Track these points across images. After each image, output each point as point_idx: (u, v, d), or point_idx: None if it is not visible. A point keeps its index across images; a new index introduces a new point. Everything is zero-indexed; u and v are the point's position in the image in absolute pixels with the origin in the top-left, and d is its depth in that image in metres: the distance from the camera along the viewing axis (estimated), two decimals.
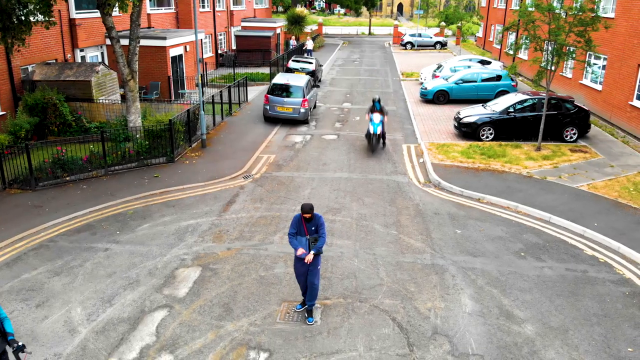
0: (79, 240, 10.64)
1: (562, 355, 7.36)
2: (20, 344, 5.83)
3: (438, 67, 28.25)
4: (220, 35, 36.99)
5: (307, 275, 7.91)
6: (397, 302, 8.50)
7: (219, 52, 36.28)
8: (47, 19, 13.67)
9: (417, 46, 49.10)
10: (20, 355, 5.87)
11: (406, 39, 49.98)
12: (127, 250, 10.20)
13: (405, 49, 49.04)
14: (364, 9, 70.12)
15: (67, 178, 13.88)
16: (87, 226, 11.27)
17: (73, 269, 9.49)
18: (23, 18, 13.58)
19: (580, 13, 14.82)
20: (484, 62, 29.13)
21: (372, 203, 12.74)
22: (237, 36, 36.95)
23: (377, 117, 16.68)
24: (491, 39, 43.46)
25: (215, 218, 11.78)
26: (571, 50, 15.30)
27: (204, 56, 31.58)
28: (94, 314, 8.16)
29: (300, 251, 7.67)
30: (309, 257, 7.60)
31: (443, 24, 53.57)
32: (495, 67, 27.32)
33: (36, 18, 14.22)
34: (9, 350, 6.08)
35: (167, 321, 8.00)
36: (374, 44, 53.61)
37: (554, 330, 7.91)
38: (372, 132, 16.73)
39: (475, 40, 52.59)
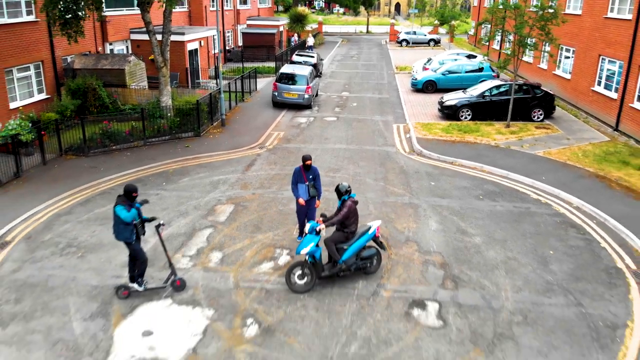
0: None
1: (499, 253, 10.28)
2: (161, 222, 8.71)
3: (428, 61, 31.18)
4: (228, 32, 39.87)
5: (306, 214, 10.34)
6: (382, 225, 11.38)
7: (227, 48, 39.15)
8: (98, 14, 16.54)
9: (412, 43, 52.01)
10: (160, 229, 8.72)
11: (401, 36, 52.92)
12: (174, 195, 13.10)
13: (401, 46, 51.93)
14: (362, 9, 73.12)
15: (113, 147, 16.79)
16: (138, 180, 14.13)
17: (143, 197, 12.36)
18: (79, 14, 16.46)
19: (541, 11, 17.74)
20: (470, 57, 32.00)
21: (365, 165, 15.65)
22: (243, 33, 39.84)
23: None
24: (482, 37, 46.36)
25: (240, 175, 14.69)
26: (533, 42, 18.20)
27: (214, 51, 34.45)
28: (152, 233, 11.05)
29: (302, 201, 9.95)
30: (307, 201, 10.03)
31: (437, 22, 56.60)
32: (480, 61, 30.20)
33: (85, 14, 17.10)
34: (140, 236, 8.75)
35: (213, 235, 10.91)
36: (371, 42, 56.47)
37: (496, 240, 10.83)
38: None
39: (468, 38, 55.51)
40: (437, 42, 52.18)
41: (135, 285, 8.67)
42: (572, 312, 8.46)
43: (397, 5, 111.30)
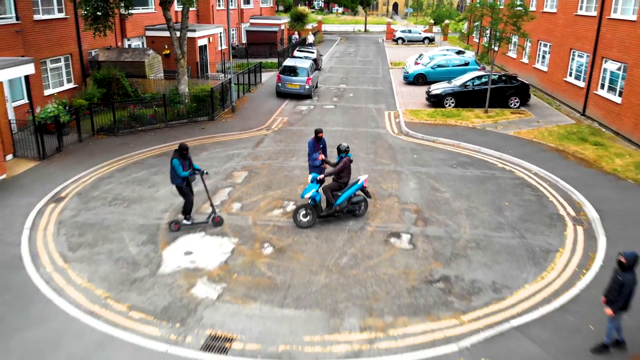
0: (161, 160, 15.95)
1: (463, 204, 12.73)
2: (205, 171, 11.09)
3: (419, 56, 33.63)
4: (232, 30, 42.30)
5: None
6: (370, 185, 13.80)
7: (231, 45, 41.56)
8: (126, 12, 18.98)
9: (407, 41, 54.45)
10: (204, 176, 11.12)
11: (397, 35, 55.36)
12: (197, 164, 15.48)
13: (397, 44, 54.35)
14: (360, 8, 75.56)
15: (139, 128, 19.23)
16: (163, 154, 16.56)
17: (163, 172, 14.74)
18: (107, 11, 18.91)
19: (512, 8, 20.20)
20: (459, 52, 34.43)
21: (359, 143, 18.08)
22: (247, 31, 42.27)
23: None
24: (473, 35, 48.79)
25: (251, 150, 17.13)
26: (504, 36, 20.65)
27: (220, 48, 36.86)
28: None
29: (321, 156, 12.41)
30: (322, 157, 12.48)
31: (431, 21, 59.05)
32: (467, 56, 32.64)
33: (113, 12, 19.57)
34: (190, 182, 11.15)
35: (232, 191, 13.36)
36: (368, 40, 58.90)
37: (462, 195, 13.28)
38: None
39: (460, 36, 57.94)
40: (431, 40, 54.60)
41: (184, 221, 11.14)
42: (516, 242, 10.90)
43: (395, 5, 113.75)
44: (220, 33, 36.09)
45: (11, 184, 13.85)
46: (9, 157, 15.80)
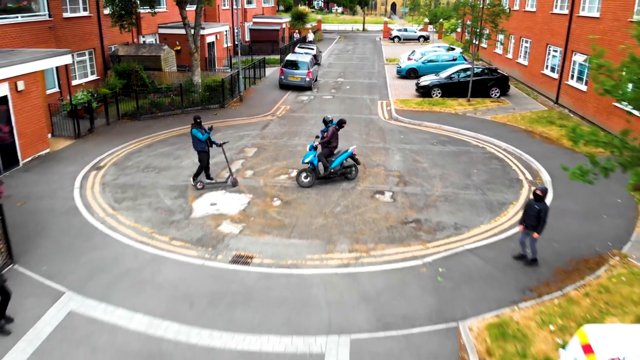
0: (181, 139, 18.38)
1: (438, 171, 15.18)
2: (222, 142, 13.58)
3: (412, 52, 36.09)
4: (236, 28, 44.74)
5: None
6: (361, 158, 16.24)
7: (236, 42, 44.01)
8: (151, 10, 21.45)
9: (403, 39, 56.92)
10: (224, 146, 13.60)
11: (394, 33, 57.85)
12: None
13: (393, 42, 56.82)
14: (358, 8, 77.98)
15: (159, 114, 21.69)
16: (183, 134, 18.98)
17: (185, 147, 17.19)
18: (130, 10, 21.38)
19: (491, 7, 22.66)
20: (450, 49, 36.90)
21: (353, 126, 20.50)
22: (251, 29, 44.73)
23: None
24: (458, 31, 51.26)
25: (259, 131, 19.59)
26: (486, 32, 23.12)
27: (225, 45, 39.30)
28: None
29: (317, 143, 14.80)
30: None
31: (426, 20, 61.49)
32: (457, 53, 35.09)
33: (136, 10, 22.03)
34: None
35: (245, 162, 15.82)
36: (366, 39, 61.36)
37: (438, 165, 15.74)
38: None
39: (455, 35, 60.36)
40: (426, 39, 57.04)
41: (206, 180, 13.64)
42: (478, 197, 13.36)
43: (393, 5, 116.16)
44: (226, 31, 38.54)
45: (55, 157, 16.31)
46: (49, 135, 18.26)
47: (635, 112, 8.07)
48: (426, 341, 7.74)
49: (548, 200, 13.04)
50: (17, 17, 19.81)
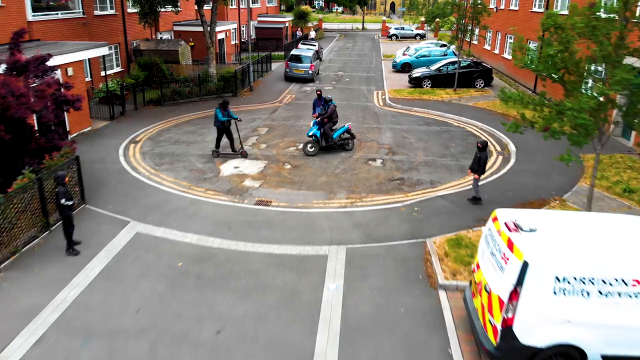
0: (202, 120, 21.26)
1: (422, 145, 18.06)
2: (238, 118, 16.48)
3: (407, 48, 38.97)
4: (243, 27, 47.62)
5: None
6: (357, 135, 19.10)
7: (242, 40, 46.91)
8: (174, 8, 24.36)
9: (401, 37, 59.76)
10: (238, 123, 16.49)
11: (392, 31, 60.72)
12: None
13: (391, 39, 59.67)
14: (358, 8, 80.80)
15: (180, 100, 24.57)
16: (203, 117, 21.85)
17: (209, 125, 20.02)
18: (155, 8, 24.28)
19: (473, 6, 25.55)
20: (442, 46, 39.75)
21: (352, 111, 23.40)
22: (256, 28, 47.58)
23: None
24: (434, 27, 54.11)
25: (268, 115, 22.49)
26: (469, 28, 26.00)
27: (232, 43, 42.18)
28: (223, 138, 18.79)
29: (315, 115, 17.86)
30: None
31: (422, 19, 64.31)
32: (447, 49, 37.95)
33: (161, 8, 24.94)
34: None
35: (259, 138, 18.71)
36: (365, 37, 64.20)
37: (423, 140, 18.63)
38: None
39: (451, 32, 63.24)
40: (422, 37, 59.88)
41: (221, 151, 16.52)
42: (452, 163, 16.24)
43: (392, 5, 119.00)
44: (234, 29, 41.41)
45: (96, 133, 19.19)
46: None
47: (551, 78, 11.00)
48: (401, 249, 10.63)
49: (510, 164, 15.98)
50: (57, 14, 22.76)
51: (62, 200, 10.13)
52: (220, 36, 35.01)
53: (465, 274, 9.45)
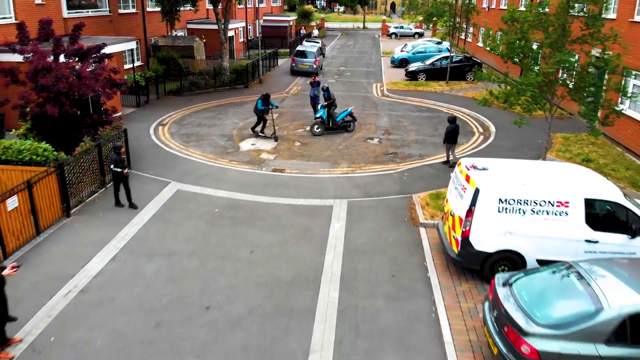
0: (218, 108, 23.81)
1: (414, 127, 20.60)
2: (276, 105, 19.06)
3: (404, 45, 41.51)
4: (249, 26, 50.15)
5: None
6: (357, 119, 21.57)
7: (249, 38, 49.46)
8: (192, 7, 26.94)
9: (400, 36, 62.29)
10: (272, 109, 19.06)
11: (391, 30, 63.27)
12: (244, 109, 23.41)
13: (390, 38, 62.19)
14: (359, 7, 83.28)
15: (197, 91, 27.13)
16: (219, 105, 24.40)
17: (225, 112, 22.61)
18: (176, 8, 26.84)
19: (463, 5, 28.08)
20: (438, 43, 42.27)
21: (353, 101, 25.92)
22: (262, 26, 50.15)
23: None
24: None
25: (278, 103, 24.99)
26: (462, 25, 28.55)
27: (241, 40, 44.71)
28: (239, 122, 21.32)
29: (321, 103, 20.44)
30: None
31: (420, 18, 66.76)
32: (443, 46, 40.47)
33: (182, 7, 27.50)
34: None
35: (271, 122, 21.26)
36: (366, 35, 66.75)
37: (415, 124, 21.16)
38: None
39: (444, 31, 65.77)
40: (420, 35, 62.41)
41: (260, 133, 19.05)
42: (440, 141, 18.75)
43: (392, 4, 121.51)
44: (242, 27, 43.96)
45: (127, 118, 21.72)
46: None
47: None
48: (391, 202, 13.17)
49: (489, 141, 18.53)
50: (88, 11, 25.35)
51: (112, 166, 12.57)
52: (230, 34, 37.49)
53: (440, 216, 11.99)
